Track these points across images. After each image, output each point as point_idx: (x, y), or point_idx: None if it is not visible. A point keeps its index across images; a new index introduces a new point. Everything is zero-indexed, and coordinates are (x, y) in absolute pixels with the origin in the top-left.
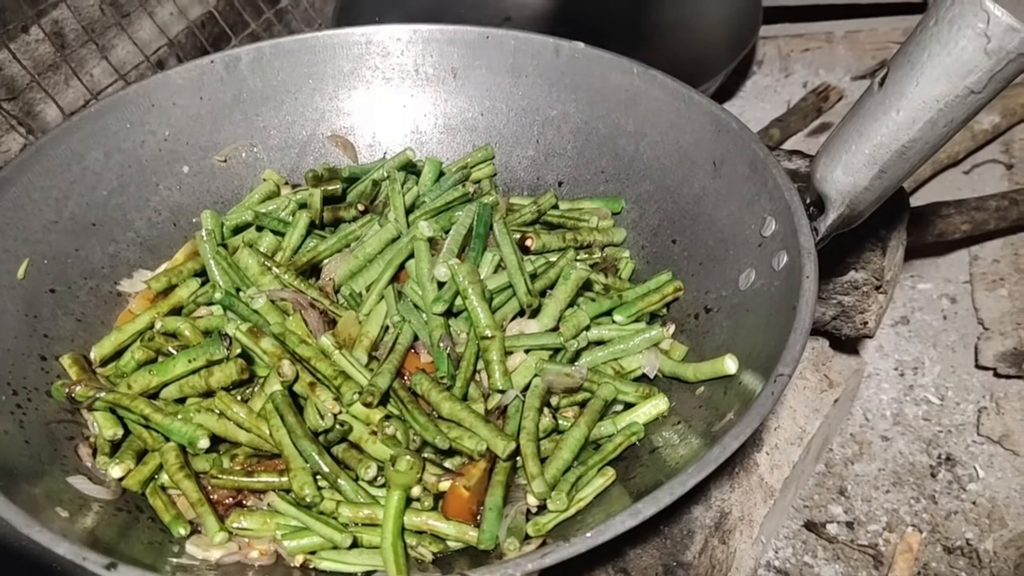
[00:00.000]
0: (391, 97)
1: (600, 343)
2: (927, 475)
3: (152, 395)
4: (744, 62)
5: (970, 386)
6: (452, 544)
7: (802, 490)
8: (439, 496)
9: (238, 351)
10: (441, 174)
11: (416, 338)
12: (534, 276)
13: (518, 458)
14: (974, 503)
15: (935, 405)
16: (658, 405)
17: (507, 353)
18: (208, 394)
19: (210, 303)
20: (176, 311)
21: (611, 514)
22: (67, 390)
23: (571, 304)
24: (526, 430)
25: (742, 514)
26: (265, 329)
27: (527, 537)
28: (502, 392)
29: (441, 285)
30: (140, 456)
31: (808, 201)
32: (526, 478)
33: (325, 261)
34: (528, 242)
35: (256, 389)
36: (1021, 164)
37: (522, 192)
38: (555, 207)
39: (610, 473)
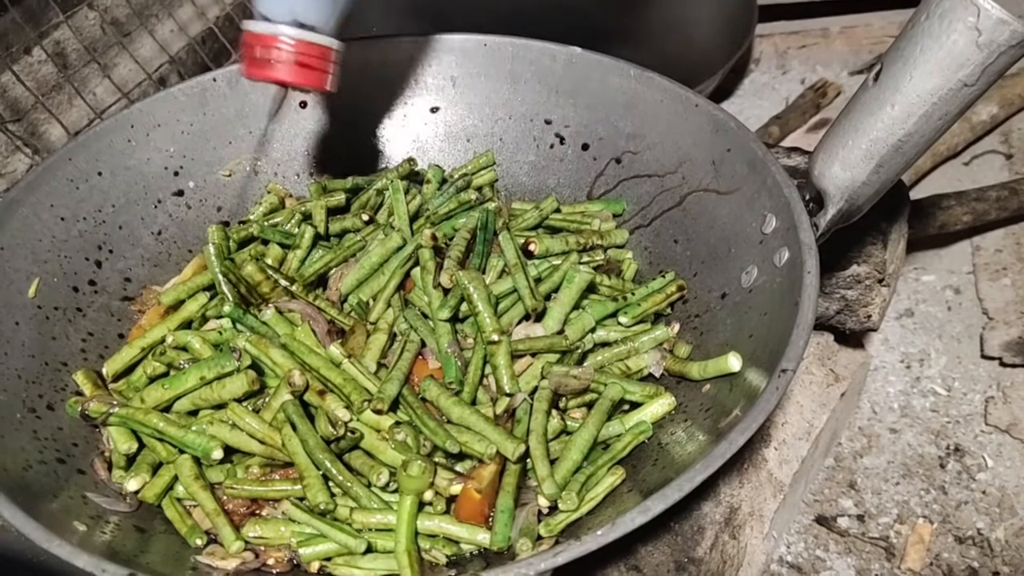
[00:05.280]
0: (391, 107)
1: (606, 344)
2: (936, 466)
3: (165, 408)
4: (741, 61)
5: (976, 376)
6: (465, 547)
7: (812, 484)
8: (451, 500)
9: (248, 363)
10: (443, 181)
11: (424, 345)
12: (538, 280)
13: (528, 460)
14: (984, 493)
15: (942, 396)
16: (665, 404)
17: (514, 357)
18: (220, 406)
19: (219, 316)
20: (186, 325)
21: (621, 512)
22: (81, 406)
23: (576, 307)
24: (535, 432)
25: (752, 509)
26: (274, 340)
27: (539, 537)
28: (510, 395)
29: (447, 292)
30: (155, 469)
31: (807, 197)
32: (536, 480)
33: (331, 271)
34: (531, 247)
35: (267, 400)
36: (1020, 154)
37: (524, 197)
38: (557, 211)
39: (619, 472)
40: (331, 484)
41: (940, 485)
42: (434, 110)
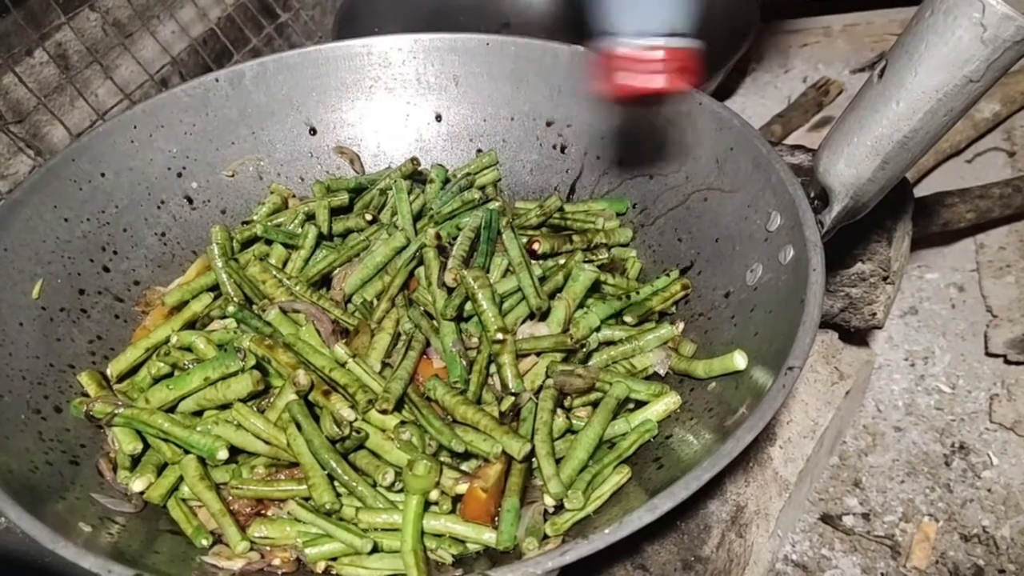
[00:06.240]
0: (394, 107)
1: (611, 343)
2: (941, 464)
3: (169, 409)
4: (743, 59)
5: (981, 374)
6: (471, 546)
7: (817, 483)
8: (457, 499)
9: (252, 363)
10: (446, 181)
11: (428, 344)
12: (543, 279)
13: (533, 459)
14: (989, 490)
15: (947, 394)
16: (670, 402)
17: (519, 356)
18: (225, 406)
19: (224, 316)
20: (190, 325)
21: (628, 510)
22: (85, 408)
23: (581, 305)
24: (540, 431)
25: (758, 508)
26: (278, 340)
27: (545, 536)
28: (515, 394)
29: (451, 291)
30: (160, 469)
31: (812, 195)
32: (542, 478)
33: (335, 271)
34: (535, 246)
35: (272, 400)
36: (1023, 151)
37: (527, 196)
38: (560, 210)
39: (625, 471)
40: (336, 484)
41: (945, 483)
42: (438, 115)
